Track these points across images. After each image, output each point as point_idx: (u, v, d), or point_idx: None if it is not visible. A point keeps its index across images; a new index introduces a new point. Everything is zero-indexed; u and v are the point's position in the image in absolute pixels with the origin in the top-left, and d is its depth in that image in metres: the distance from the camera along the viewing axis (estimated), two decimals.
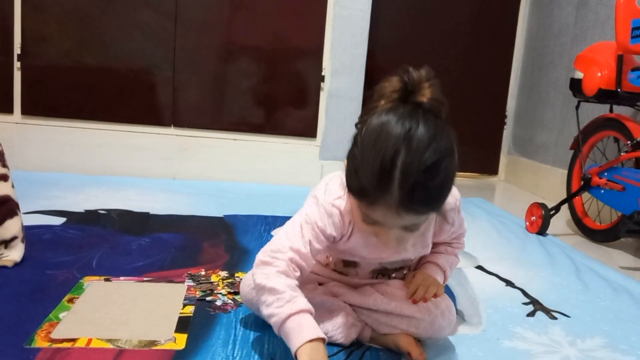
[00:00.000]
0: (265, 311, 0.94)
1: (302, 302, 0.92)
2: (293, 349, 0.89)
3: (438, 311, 1.04)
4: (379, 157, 0.83)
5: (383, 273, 1.12)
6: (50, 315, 1.10)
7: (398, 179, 0.82)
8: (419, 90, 0.88)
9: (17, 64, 2.40)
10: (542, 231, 2.08)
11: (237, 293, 1.27)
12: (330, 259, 1.13)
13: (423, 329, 1.04)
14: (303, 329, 0.89)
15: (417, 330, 1.04)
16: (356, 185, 0.87)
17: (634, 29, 1.83)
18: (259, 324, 1.13)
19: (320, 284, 1.13)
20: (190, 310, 1.17)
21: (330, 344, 1.06)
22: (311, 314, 0.92)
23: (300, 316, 0.90)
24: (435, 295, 1.05)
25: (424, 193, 0.84)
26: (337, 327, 1.05)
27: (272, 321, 0.93)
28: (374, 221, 0.90)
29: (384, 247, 0.96)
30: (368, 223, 0.91)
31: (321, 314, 1.04)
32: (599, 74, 1.96)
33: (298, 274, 0.97)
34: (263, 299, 0.94)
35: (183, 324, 1.10)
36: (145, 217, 1.90)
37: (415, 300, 1.04)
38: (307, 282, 1.09)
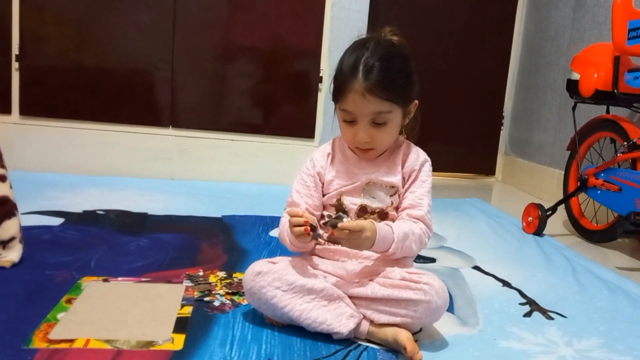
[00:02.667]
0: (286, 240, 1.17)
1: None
2: None
3: (433, 291, 1.06)
4: (349, 60, 1.12)
5: (366, 217, 1.17)
6: (48, 315, 1.10)
7: (362, 69, 1.10)
8: (384, 37, 1.17)
9: (15, 65, 2.40)
10: (538, 232, 2.09)
11: (235, 293, 1.28)
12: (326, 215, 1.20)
13: (422, 311, 1.06)
14: None
15: (415, 314, 1.06)
16: (334, 88, 1.15)
17: (630, 30, 1.84)
18: (256, 324, 1.13)
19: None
20: (188, 310, 1.17)
21: (328, 338, 1.08)
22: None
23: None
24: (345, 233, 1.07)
25: (382, 76, 1.09)
26: (337, 317, 1.08)
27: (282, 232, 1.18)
28: (351, 118, 1.13)
29: (358, 150, 1.18)
30: (346, 121, 1.15)
31: (321, 302, 1.09)
32: (596, 75, 1.96)
33: (315, 216, 1.18)
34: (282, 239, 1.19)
35: (181, 325, 1.11)
36: (143, 217, 1.90)
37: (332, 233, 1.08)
38: (310, 271, 1.14)
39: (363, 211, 1.18)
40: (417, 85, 1.16)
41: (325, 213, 1.21)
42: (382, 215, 1.18)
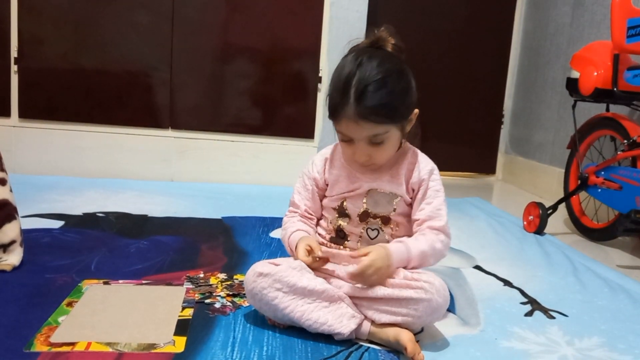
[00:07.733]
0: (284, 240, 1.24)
1: (293, 226, 1.21)
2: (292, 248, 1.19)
3: (433, 289, 1.06)
4: (340, 80, 1.09)
5: (370, 226, 1.18)
6: (49, 319, 1.10)
7: (353, 93, 1.06)
8: (384, 42, 1.14)
9: (14, 67, 2.40)
10: (539, 230, 2.08)
11: (236, 295, 1.28)
12: (330, 223, 1.22)
13: (423, 309, 1.06)
14: (295, 237, 1.19)
15: (416, 313, 1.06)
16: (329, 107, 1.12)
17: (629, 28, 1.84)
18: (258, 326, 1.13)
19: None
20: (189, 313, 1.17)
21: (330, 339, 1.08)
22: (301, 230, 1.20)
23: (294, 234, 1.20)
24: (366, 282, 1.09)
25: (375, 101, 1.06)
26: (338, 317, 1.08)
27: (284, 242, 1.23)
28: (347, 138, 1.12)
29: (358, 164, 1.17)
30: (345, 141, 1.13)
31: (322, 304, 1.09)
32: (595, 74, 1.96)
33: (313, 219, 1.25)
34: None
35: (182, 327, 1.11)
36: (143, 219, 1.90)
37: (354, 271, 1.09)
38: (311, 273, 1.14)
39: (365, 215, 1.19)
40: (414, 96, 1.13)
41: (330, 217, 1.22)
42: (385, 220, 1.19)
